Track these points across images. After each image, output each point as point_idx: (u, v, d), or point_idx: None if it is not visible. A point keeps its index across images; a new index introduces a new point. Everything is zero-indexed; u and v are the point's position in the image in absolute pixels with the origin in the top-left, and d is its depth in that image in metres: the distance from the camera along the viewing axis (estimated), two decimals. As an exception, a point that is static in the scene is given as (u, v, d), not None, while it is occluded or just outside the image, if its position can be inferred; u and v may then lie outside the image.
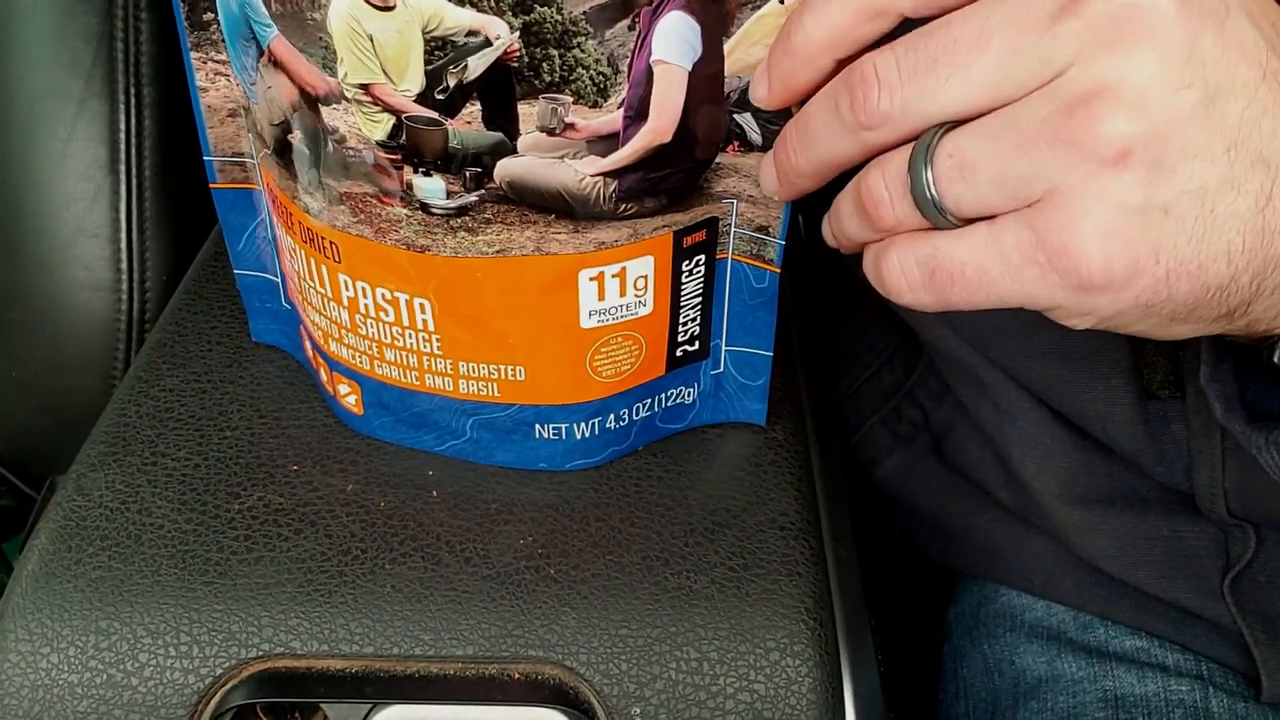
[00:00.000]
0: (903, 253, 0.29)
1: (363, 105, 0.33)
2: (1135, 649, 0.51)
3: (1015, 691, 0.53)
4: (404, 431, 0.42)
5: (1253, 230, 0.26)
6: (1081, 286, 0.27)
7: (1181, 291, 0.27)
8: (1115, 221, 0.26)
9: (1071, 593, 0.53)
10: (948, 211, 0.28)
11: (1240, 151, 0.26)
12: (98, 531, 0.39)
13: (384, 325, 0.38)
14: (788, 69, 0.30)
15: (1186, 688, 0.49)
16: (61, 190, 0.58)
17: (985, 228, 0.28)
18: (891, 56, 0.28)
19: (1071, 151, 0.26)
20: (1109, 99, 0.25)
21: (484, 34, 0.32)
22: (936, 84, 0.27)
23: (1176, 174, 0.26)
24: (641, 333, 0.39)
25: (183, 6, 0.38)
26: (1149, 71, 0.25)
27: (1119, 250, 0.26)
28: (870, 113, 0.28)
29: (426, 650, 0.37)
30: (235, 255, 0.45)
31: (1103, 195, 0.26)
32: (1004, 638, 0.55)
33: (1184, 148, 0.26)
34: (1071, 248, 0.26)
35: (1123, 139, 0.25)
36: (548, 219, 0.35)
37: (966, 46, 0.26)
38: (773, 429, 0.44)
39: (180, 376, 0.45)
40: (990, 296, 0.28)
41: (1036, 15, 0.26)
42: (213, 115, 0.40)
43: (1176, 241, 0.26)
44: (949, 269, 0.28)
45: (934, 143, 0.28)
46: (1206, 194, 0.26)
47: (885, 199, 0.29)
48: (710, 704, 0.36)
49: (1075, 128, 0.26)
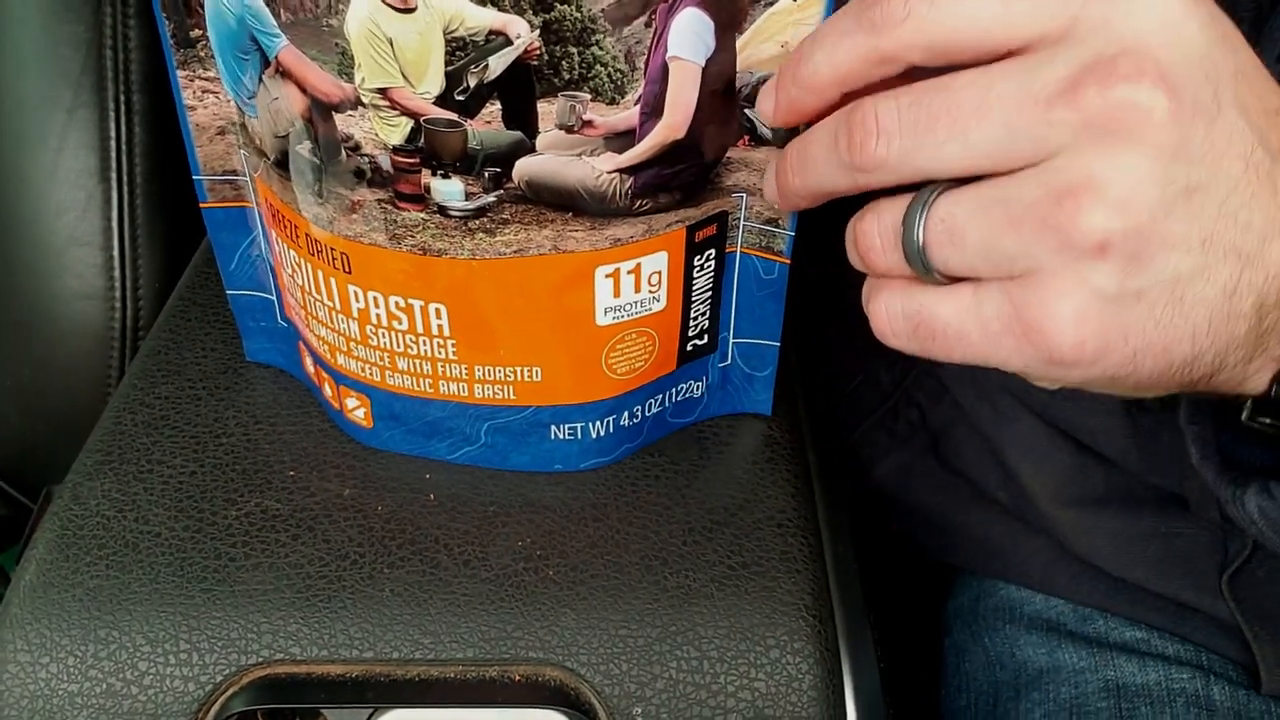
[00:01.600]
0: (891, 300, 0.31)
1: (380, 110, 0.33)
2: (1135, 639, 0.51)
3: (1017, 683, 0.53)
4: (416, 442, 0.42)
5: (1219, 315, 0.28)
6: (1053, 361, 0.28)
7: (1147, 367, 0.28)
8: (1090, 306, 0.27)
9: (1069, 587, 0.53)
10: (935, 271, 0.29)
11: (1215, 243, 0.27)
12: (95, 540, 0.39)
13: (396, 334, 0.38)
14: (794, 95, 0.31)
15: (1188, 676, 0.49)
16: (53, 199, 0.58)
17: (970, 292, 0.29)
18: (894, 105, 0.28)
19: (1055, 237, 0.27)
20: (1094, 194, 0.26)
21: (505, 33, 0.32)
22: (934, 143, 0.28)
23: (1153, 264, 0.27)
24: (655, 329, 0.39)
25: (168, 24, 0.37)
26: (1136, 173, 0.26)
27: (1091, 332, 0.28)
28: (867, 157, 0.29)
29: (426, 654, 0.37)
30: (228, 275, 0.44)
31: (1080, 281, 0.27)
32: (1004, 630, 0.55)
33: (1162, 240, 0.27)
34: (1047, 327, 0.28)
35: (1103, 233, 0.27)
36: (564, 217, 0.35)
37: (968, 113, 0.27)
38: (770, 426, 0.44)
39: (175, 384, 0.45)
40: (968, 356, 0.30)
41: (1036, 97, 0.27)
42: (201, 133, 0.40)
43: (1145, 325, 0.28)
44: (932, 326, 0.30)
45: (929, 203, 0.29)
46: (1179, 282, 0.27)
47: (878, 247, 0.30)
48: (711, 703, 0.36)
49: (1061, 216, 0.27)
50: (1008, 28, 0.27)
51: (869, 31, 0.29)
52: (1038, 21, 0.27)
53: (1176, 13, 0.27)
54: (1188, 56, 0.27)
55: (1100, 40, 0.27)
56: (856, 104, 0.29)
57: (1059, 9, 0.27)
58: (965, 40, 0.28)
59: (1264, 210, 0.28)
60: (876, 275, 0.31)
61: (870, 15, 0.29)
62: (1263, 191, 0.28)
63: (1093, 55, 0.26)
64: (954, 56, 0.28)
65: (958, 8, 0.27)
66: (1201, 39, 0.27)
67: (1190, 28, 0.27)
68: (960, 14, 0.27)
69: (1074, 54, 0.27)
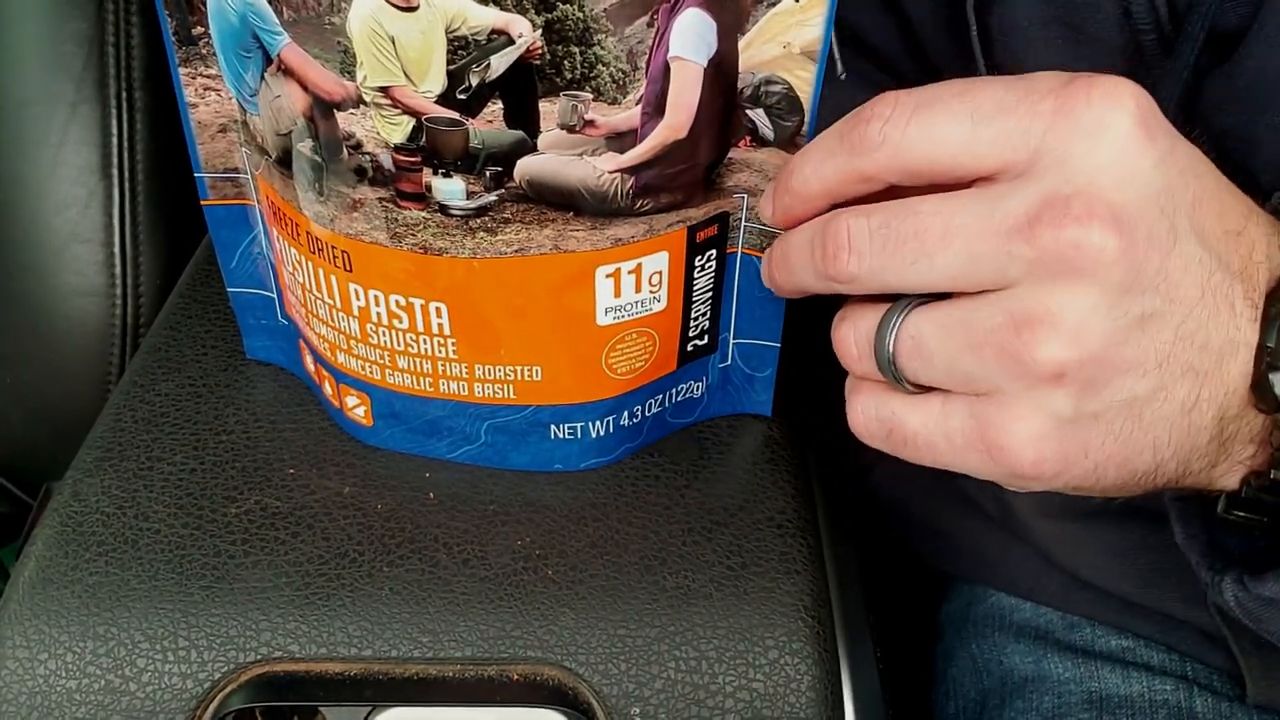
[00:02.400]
0: (866, 404, 0.33)
1: (382, 109, 0.33)
2: (1121, 649, 0.51)
3: (1002, 691, 0.53)
4: (416, 440, 0.42)
5: (1179, 429, 0.30)
6: (1015, 475, 0.30)
7: (1110, 477, 0.30)
8: (1047, 428, 0.29)
9: (1058, 596, 0.53)
10: (905, 381, 0.32)
11: (1171, 365, 0.29)
12: (94, 537, 0.39)
13: (397, 332, 0.38)
14: (788, 203, 0.34)
15: (1171, 688, 0.49)
16: (54, 196, 0.58)
17: (938, 404, 0.31)
18: (865, 225, 0.30)
19: (1014, 365, 0.29)
20: (1048, 326, 0.28)
21: (507, 32, 0.32)
22: (902, 263, 0.30)
23: (1108, 388, 0.29)
24: (655, 329, 0.39)
25: (170, 22, 0.37)
26: (1087, 305, 0.28)
27: (1051, 451, 0.29)
28: (839, 271, 0.31)
29: (425, 652, 0.37)
30: (228, 273, 0.44)
31: (1038, 406, 0.29)
32: (992, 637, 0.55)
33: (1115, 366, 0.28)
34: (1007, 446, 0.29)
35: (1058, 363, 0.28)
36: (566, 217, 0.35)
37: (934, 239, 0.29)
38: (770, 427, 0.44)
39: (175, 381, 0.45)
40: (938, 463, 0.32)
41: (996, 229, 0.28)
42: (203, 131, 0.40)
43: (1105, 440, 0.29)
44: (903, 434, 0.32)
45: (899, 320, 0.31)
46: (1135, 402, 0.29)
47: (854, 354, 0.33)
48: (709, 703, 0.36)
49: (1019, 346, 0.28)
50: (974, 157, 0.29)
51: (850, 153, 0.31)
52: (1002, 152, 0.29)
53: (1133, 150, 0.28)
54: (1141, 194, 0.28)
55: (1058, 178, 0.28)
56: (833, 217, 0.31)
57: (1020, 142, 0.28)
58: (935, 167, 0.30)
59: (1221, 330, 0.29)
60: (854, 374, 0.34)
61: (851, 138, 0.31)
62: (1220, 312, 0.29)
63: (1050, 192, 0.28)
64: (926, 179, 0.30)
65: (927, 136, 0.30)
66: (1157, 175, 0.28)
67: (1144, 165, 0.28)
68: (929, 142, 0.30)
69: (1032, 189, 0.28)
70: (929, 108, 0.30)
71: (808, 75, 0.35)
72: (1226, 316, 0.29)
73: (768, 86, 0.35)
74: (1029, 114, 0.28)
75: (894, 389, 0.32)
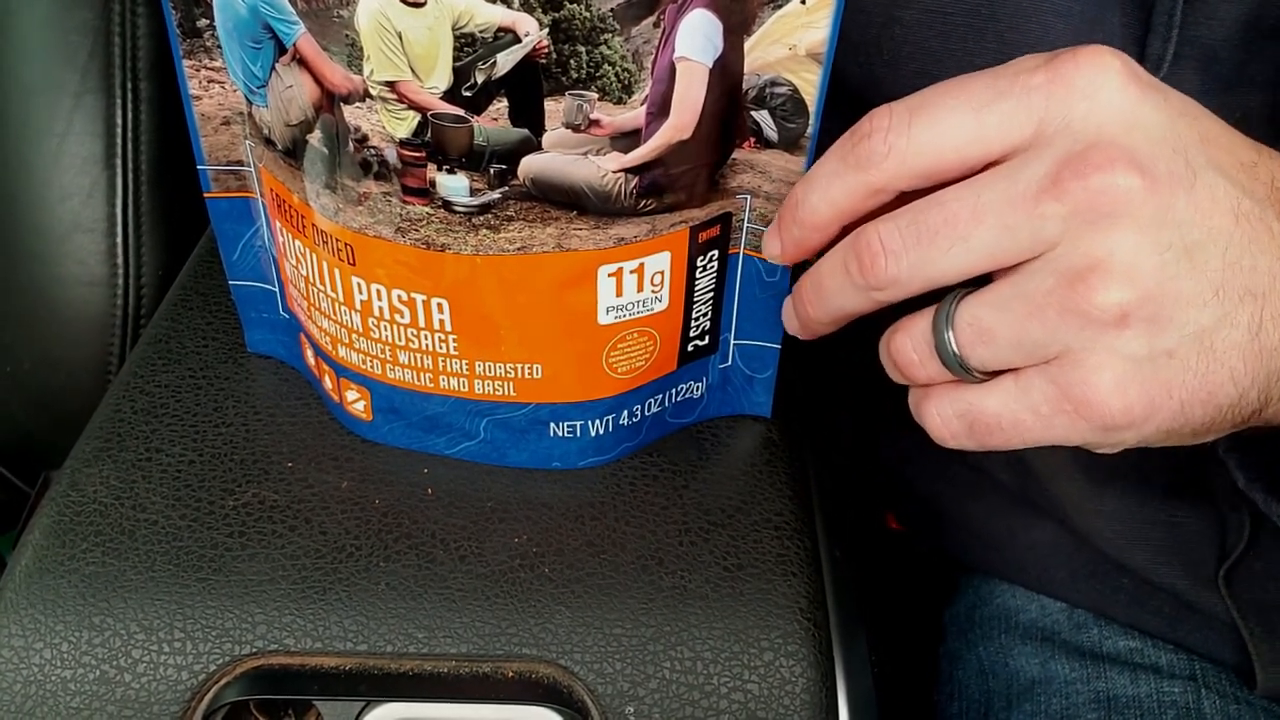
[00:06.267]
0: (941, 405, 0.33)
1: (387, 103, 0.34)
2: (1129, 649, 0.51)
3: (1009, 693, 0.53)
4: (415, 436, 0.42)
5: (1251, 354, 0.30)
6: (1107, 428, 0.30)
7: (1197, 416, 0.30)
8: (1127, 371, 0.29)
9: (1066, 584, 0.53)
10: (974, 370, 0.32)
11: (1228, 291, 0.29)
12: (92, 527, 0.39)
13: (398, 327, 0.38)
14: (798, 235, 0.34)
15: (1179, 689, 0.49)
16: (57, 185, 0.58)
17: (1012, 382, 0.31)
18: (894, 227, 0.31)
19: (1077, 318, 0.29)
20: (1101, 273, 0.29)
21: (513, 30, 0.32)
22: (939, 253, 0.30)
23: (1174, 322, 0.29)
24: (656, 328, 0.39)
25: (175, 14, 0.37)
26: (1130, 244, 0.29)
27: (1136, 395, 0.29)
28: (879, 277, 0.31)
29: (420, 648, 0.37)
30: (230, 265, 0.44)
31: (1111, 351, 0.29)
32: (998, 639, 0.55)
33: (1176, 299, 0.29)
34: (1093, 399, 0.30)
35: (1120, 305, 0.29)
36: (569, 215, 0.35)
37: (964, 220, 0.30)
38: (769, 428, 0.44)
39: (175, 372, 0.45)
40: (1027, 441, 0.31)
41: (1023, 195, 0.29)
42: (206, 123, 0.40)
43: (1185, 378, 0.30)
44: (986, 421, 0.32)
45: (952, 310, 0.31)
46: (1204, 333, 0.29)
47: (914, 360, 0.33)
48: (704, 704, 0.36)
49: (1077, 299, 0.29)
50: (982, 143, 0.30)
51: (856, 169, 0.31)
52: (1008, 134, 0.30)
53: (1130, 102, 0.29)
54: (1150, 136, 0.29)
55: (1068, 139, 0.29)
56: (859, 231, 0.32)
57: (1024, 118, 0.29)
58: (945, 163, 0.30)
59: (1266, 252, 0.30)
60: (919, 384, 0.33)
61: (855, 155, 0.31)
62: (1260, 236, 0.30)
63: (1064, 152, 0.29)
64: (937, 178, 0.31)
65: (933, 135, 0.30)
66: (1160, 118, 0.29)
67: (1145, 110, 0.29)
68: (936, 140, 0.30)
69: (1046, 154, 0.29)
70: (927, 109, 0.30)
71: (813, 77, 0.35)
72: (1267, 240, 0.30)
73: (773, 88, 0.35)
74: (1024, 91, 0.29)
75: (963, 383, 0.32)
